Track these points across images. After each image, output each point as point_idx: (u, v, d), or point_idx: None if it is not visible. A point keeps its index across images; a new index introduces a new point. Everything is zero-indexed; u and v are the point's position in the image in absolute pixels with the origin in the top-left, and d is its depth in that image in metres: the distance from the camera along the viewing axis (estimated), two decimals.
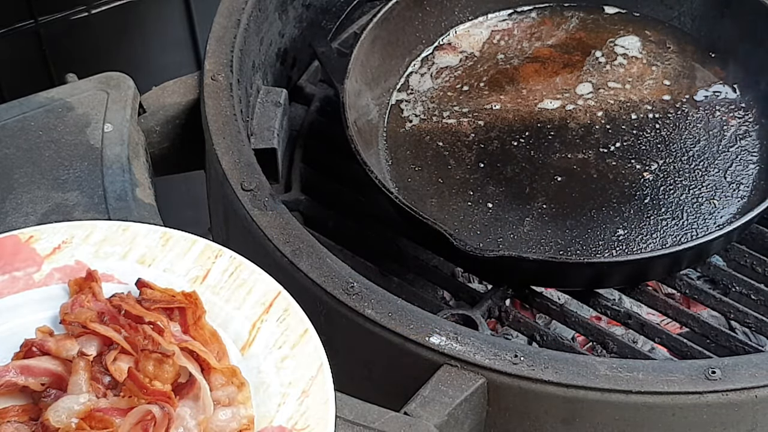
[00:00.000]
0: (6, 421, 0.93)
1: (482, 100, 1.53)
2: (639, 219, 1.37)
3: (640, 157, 1.44)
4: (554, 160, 1.44)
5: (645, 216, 1.37)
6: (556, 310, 1.34)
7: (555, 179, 1.42)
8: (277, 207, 1.24)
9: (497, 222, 1.38)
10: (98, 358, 0.97)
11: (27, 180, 1.26)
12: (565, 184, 1.41)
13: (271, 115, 1.40)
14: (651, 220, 1.37)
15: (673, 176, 1.42)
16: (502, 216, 1.38)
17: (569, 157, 1.44)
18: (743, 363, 1.08)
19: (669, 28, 1.59)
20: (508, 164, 1.44)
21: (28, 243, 1.08)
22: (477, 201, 1.40)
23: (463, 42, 1.59)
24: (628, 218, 1.37)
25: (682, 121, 1.48)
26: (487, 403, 1.10)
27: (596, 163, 1.43)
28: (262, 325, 1.01)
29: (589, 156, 1.44)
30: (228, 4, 1.46)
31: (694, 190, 1.40)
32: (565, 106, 1.51)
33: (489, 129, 1.49)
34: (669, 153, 1.44)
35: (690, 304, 1.53)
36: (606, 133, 1.47)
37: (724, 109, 1.49)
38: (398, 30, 1.55)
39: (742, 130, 1.47)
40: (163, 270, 1.06)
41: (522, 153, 1.45)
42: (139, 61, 1.96)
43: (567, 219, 1.37)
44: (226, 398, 0.95)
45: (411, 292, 1.36)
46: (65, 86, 1.38)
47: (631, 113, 1.49)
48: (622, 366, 1.09)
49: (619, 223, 1.37)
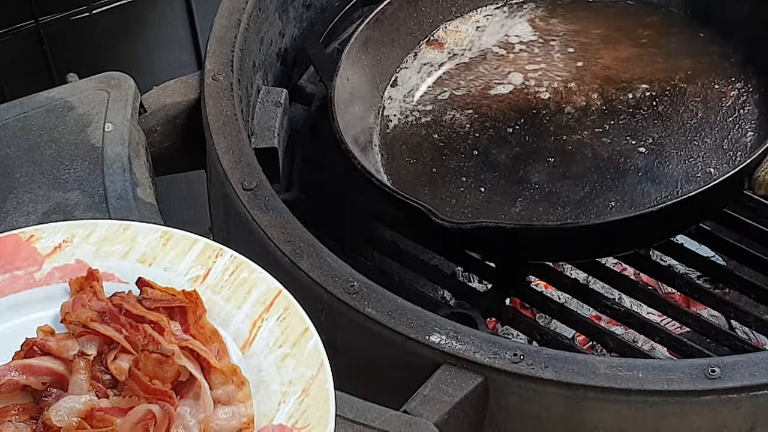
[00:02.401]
0: (7, 419, 0.94)
1: (477, 92, 1.53)
2: (632, 191, 1.36)
3: (636, 133, 1.43)
4: (549, 143, 1.44)
5: (639, 188, 1.36)
6: (556, 309, 1.34)
7: (548, 161, 1.42)
8: (277, 206, 1.24)
9: (489, 204, 1.38)
10: (99, 357, 0.97)
11: (28, 179, 1.26)
12: (558, 165, 1.41)
13: (272, 115, 1.40)
14: (645, 191, 1.36)
15: (669, 149, 1.40)
16: (494, 198, 1.38)
17: (564, 139, 1.44)
18: (743, 362, 1.08)
19: (665, 11, 1.59)
20: (502, 150, 1.44)
21: (29, 242, 1.08)
22: (470, 186, 1.40)
23: (450, 38, 1.59)
24: (621, 191, 1.36)
25: (679, 96, 1.47)
26: (487, 402, 1.10)
27: (591, 143, 1.43)
28: (262, 324, 1.01)
29: (583, 137, 1.44)
30: (228, 4, 1.46)
31: (690, 161, 1.39)
32: (559, 91, 1.51)
33: (484, 119, 1.49)
34: (665, 127, 1.43)
35: (690, 304, 1.53)
36: (602, 114, 1.47)
37: (723, 82, 1.48)
38: (392, 30, 1.55)
39: (741, 100, 1.45)
40: (163, 269, 1.06)
41: (517, 139, 1.45)
42: (139, 60, 1.96)
43: (560, 197, 1.37)
44: (227, 397, 0.95)
45: (411, 291, 1.36)
46: (66, 86, 1.38)
47: (627, 93, 1.49)
48: (622, 365, 1.09)
49: (612, 196, 1.36)
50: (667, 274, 1.41)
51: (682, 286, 1.37)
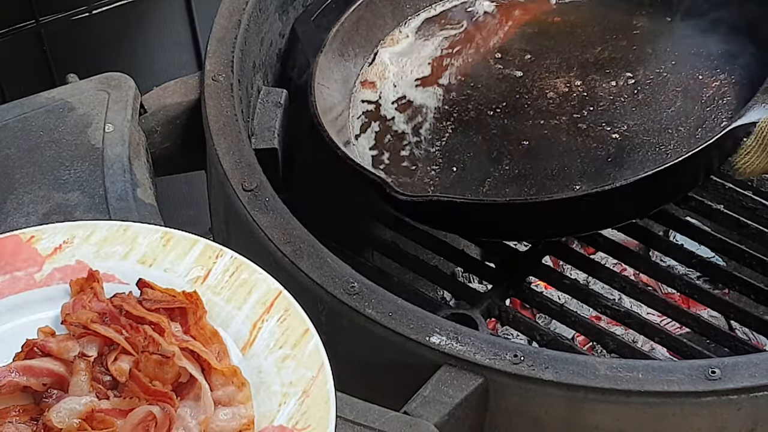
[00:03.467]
0: (7, 421, 0.94)
1: (459, 73, 1.54)
2: (599, 175, 1.36)
3: (612, 120, 1.43)
4: (526, 126, 1.44)
5: (605, 172, 1.36)
6: (556, 310, 1.34)
7: (522, 144, 1.42)
8: (277, 207, 1.24)
9: (458, 184, 1.38)
10: (99, 358, 0.97)
11: (28, 180, 1.27)
12: (532, 149, 1.41)
13: (272, 116, 1.40)
14: (611, 176, 1.35)
15: (642, 136, 1.40)
16: (464, 178, 1.39)
17: (542, 123, 1.44)
18: (744, 363, 1.08)
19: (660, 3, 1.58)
20: (479, 132, 1.45)
21: (30, 243, 1.08)
22: (443, 167, 1.41)
23: (442, 17, 1.60)
24: (588, 175, 1.36)
25: (661, 86, 1.47)
26: (487, 403, 1.10)
27: (567, 128, 1.43)
28: (263, 325, 1.01)
29: (561, 122, 1.44)
30: (229, 4, 1.46)
31: (661, 148, 1.38)
32: (543, 77, 1.51)
33: (466, 101, 1.50)
34: (642, 115, 1.43)
35: (690, 304, 1.53)
36: (582, 100, 1.47)
37: (708, 73, 1.46)
38: (384, 10, 1.57)
39: (722, 91, 1.44)
40: (164, 270, 1.06)
41: (495, 122, 1.46)
42: (140, 61, 1.96)
43: (528, 179, 1.37)
44: (227, 398, 0.95)
45: (411, 292, 1.36)
46: (66, 86, 1.38)
47: (611, 81, 1.48)
48: (622, 366, 1.09)
49: (578, 179, 1.36)
50: (667, 274, 1.41)
51: (681, 286, 1.37)
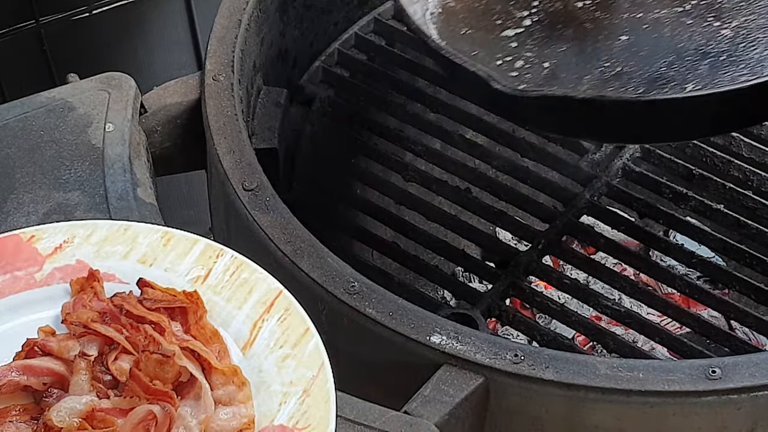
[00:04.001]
0: (8, 420, 0.94)
1: None
2: (713, 75, 1.25)
3: (720, 14, 1.32)
4: (622, 19, 1.33)
5: (720, 72, 1.25)
6: (556, 310, 1.34)
7: (620, 38, 1.31)
8: (278, 207, 1.24)
9: (553, 81, 1.27)
10: (100, 358, 0.97)
11: (28, 180, 1.27)
12: (633, 44, 1.30)
13: (272, 115, 1.40)
14: (727, 76, 1.24)
15: (755, 33, 1.29)
16: (558, 75, 1.28)
17: (639, 17, 1.33)
18: (743, 362, 1.09)
19: None
20: (570, 25, 1.34)
21: (30, 243, 1.08)
22: (533, 62, 1.30)
23: None
24: (701, 75, 1.25)
25: None
26: (488, 403, 1.10)
27: (669, 22, 1.32)
28: (263, 325, 1.01)
29: (661, 15, 1.33)
30: (229, 4, 1.46)
31: None
32: None
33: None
34: (752, 10, 1.32)
35: (690, 304, 1.53)
36: None
37: None
38: None
39: None
40: (164, 269, 1.06)
41: (586, 14, 1.35)
42: (140, 61, 1.96)
43: (632, 78, 1.25)
44: (227, 397, 0.95)
45: (411, 292, 1.36)
46: (66, 86, 1.38)
47: None
48: (623, 365, 1.09)
49: (691, 79, 1.24)
50: (667, 274, 1.41)
51: (682, 286, 1.37)
